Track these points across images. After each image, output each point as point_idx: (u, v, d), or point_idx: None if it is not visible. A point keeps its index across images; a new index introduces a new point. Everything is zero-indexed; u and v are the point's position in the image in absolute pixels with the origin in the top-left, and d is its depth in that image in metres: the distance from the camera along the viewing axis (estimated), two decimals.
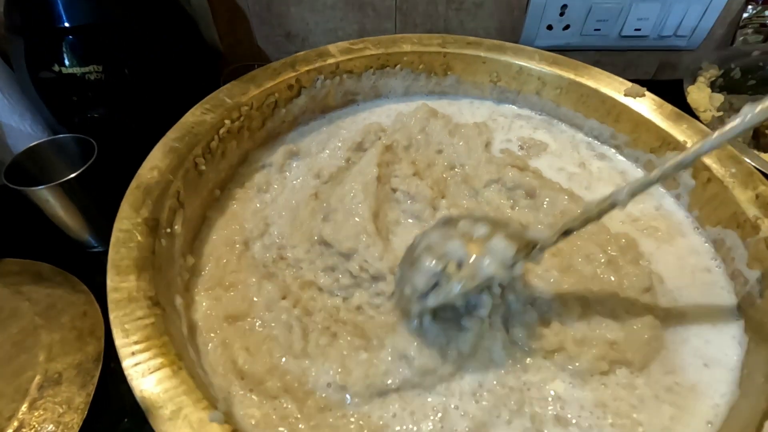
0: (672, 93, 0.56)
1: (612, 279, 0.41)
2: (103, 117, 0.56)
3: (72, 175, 0.48)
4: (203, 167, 0.45)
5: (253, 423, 0.33)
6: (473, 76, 0.58)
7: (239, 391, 0.35)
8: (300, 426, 0.34)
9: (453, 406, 0.35)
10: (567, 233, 0.32)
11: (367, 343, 0.38)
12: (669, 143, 0.48)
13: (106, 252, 0.36)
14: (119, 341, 0.31)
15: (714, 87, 0.61)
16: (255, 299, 0.41)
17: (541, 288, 0.40)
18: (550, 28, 0.75)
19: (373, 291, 0.41)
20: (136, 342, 0.31)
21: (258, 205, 0.49)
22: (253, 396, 0.35)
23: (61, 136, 0.52)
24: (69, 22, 0.51)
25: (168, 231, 0.39)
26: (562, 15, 0.73)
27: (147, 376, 0.30)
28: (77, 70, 0.53)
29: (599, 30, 0.75)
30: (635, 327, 0.38)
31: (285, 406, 0.34)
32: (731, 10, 0.72)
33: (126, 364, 0.30)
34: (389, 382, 0.35)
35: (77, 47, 0.53)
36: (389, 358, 0.36)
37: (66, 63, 0.53)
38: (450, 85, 0.59)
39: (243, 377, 0.36)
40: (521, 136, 0.57)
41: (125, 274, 0.34)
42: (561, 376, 0.37)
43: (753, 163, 0.47)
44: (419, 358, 0.35)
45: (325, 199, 0.47)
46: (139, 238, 0.37)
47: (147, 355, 0.31)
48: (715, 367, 0.38)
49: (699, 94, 0.57)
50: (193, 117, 0.46)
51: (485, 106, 0.61)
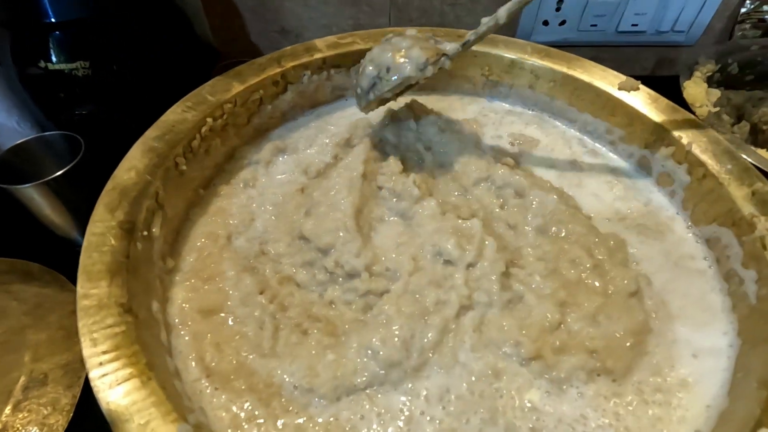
0: (669, 88, 0.55)
1: (597, 284, 0.40)
2: (91, 114, 0.56)
3: (58, 173, 0.47)
4: (184, 167, 0.44)
5: (221, 422, 0.33)
6: (465, 69, 0.57)
7: (207, 389, 0.34)
8: (266, 428, 0.33)
9: (420, 411, 0.34)
10: (466, 45, 0.43)
11: (336, 341, 0.37)
12: (664, 138, 0.47)
13: None
14: (87, 351, 0.30)
15: (711, 82, 0.60)
16: (231, 293, 0.40)
17: (521, 292, 0.39)
18: (546, 23, 0.74)
19: (347, 287, 0.40)
20: (104, 352, 0.30)
21: (244, 200, 0.48)
22: (221, 394, 0.34)
23: (48, 133, 0.52)
24: (56, 17, 0.50)
25: (145, 234, 0.38)
26: (558, 10, 0.72)
27: (114, 387, 0.29)
28: (64, 66, 0.52)
29: (596, 25, 0.74)
30: (617, 335, 0.37)
31: (249, 406, 0.34)
32: (729, 5, 0.71)
33: (93, 374, 0.29)
34: (357, 381, 0.35)
35: (64, 43, 0.52)
36: (356, 355, 0.36)
37: (53, 59, 0.52)
38: (441, 79, 0.58)
39: (209, 374, 0.35)
40: (512, 132, 0.56)
41: (96, 279, 0.33)
42: (537, 384, 0.36)
43: (750, 160, 0.46)
44: (384, 350, 0.35)
45: (310, 194, 0.47)
46: (113, 241, 0.35)
47: (115, 366, 0.30)
48: (705, 372, 0.37)
49: (695, 89, 0.56)
50: (174, 115, 0.45)
51: (476, 102, 0.60)
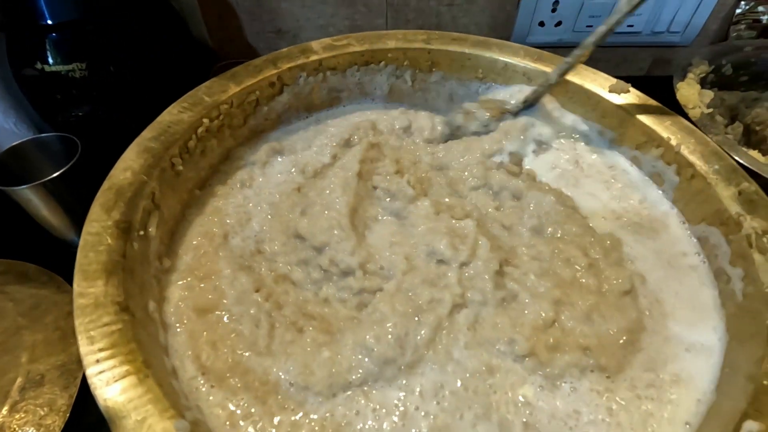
0: (663, 89, 0.56)
1: (591, 283, 0.40)
2: (88, 115, 0.56)
3: (55, 174, 0.47)
4: (180, 167, 0.45)
5: (218, 420, 0.33)
6: (459, 72, 0.57)
7: (203, 387, 0.35)
8: (262, 425, 0.33)
9: (414, 406, 0.35)
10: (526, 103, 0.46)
11: (331, 339, 0.37)
12: (654, 139, 0.47)
13: None
14: (84, 349, 0.30)
15: (705, 83, 0.60)
16: (227, 291, 0.40)
17: (516, 291, 0.40)
18: (542, 24, 0.75)
19: (342, 285, 0.41)
20: (101, 349, 0.30)
21: (241, 200, 0.48)
22: (217, 392, 0.35)
23: (45, 134, 0.52)
24: (52, 18, 0.51)
25: (141, 233, 0.38)
26: (554, 11, 0.73)
27: (111, 384, 0.29)
28: (61, 67, 0.53)
29: (592, 26, 0.74)
30: (611, 332, 0.37)
31: (246, 404, 0.34)
32: (724, 5, 0.71)
33: (90, 372, 0.29)
34: (352, 378, 0.35)
35: (60, 44, 0.52)
36: (350, 352, 0.36)
37: (49, 60, 0.52)
38: (436, 82, 0.58)
39: (205, 372, 0.36)
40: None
41: (93, 279, 0.33)
42: (531, 380, 0.36)
43: (742, 161, 0.46)
44: (378, 347, 0.36)
45: (306, 194, 0.47)
46: (109, 241, 0.36)
47: (112, 363, 0.30)
48: (697, 366, 0.37)
49: (688, 90, 0.56)
50: (170, 116, 0.46)
51: None
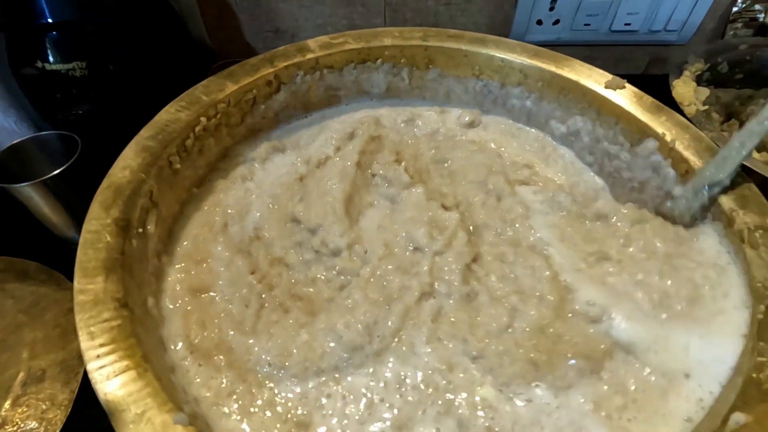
0: (660, 87, 0.56)
1: (551, 298, 0.38)
2: (88, 114, 0.56)
3: (55, 172, 0.48)
4: (178, 165, 0.45)
5: (207, 401, 0.34)
6: (455, 69, 0.57)
7: (192, 366, 0.36)
8: (242, 402, 0.35)
9: (379, 398, 0.35)
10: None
11: (313, 320, 0.38)
12: (648, 135, 0.47)
13: None
14: (84, 344, 0.31)
15: (701, 81, 0.60)
16: (223, 272, 0.41)
17: (478, 289, 0.40)
18: (540, 23, 0.75)
19: (329, 265, 0.42)
20: (101, 345, 0.31)
21: (242, 193, 0.49)
22: (203, 370, 0.36)
23: (45, 133, 0.52)
24: (52, 17, 0.51)
25: (140, 231, 0.39)
26: (551, 10, 0.73)
27: (112, 378, 0.29)
28: (60, 66, 0.53)
29: (589, 25, 0.74)
30: (567, 354, 0.35)
31: (227, 381, 0.35)
32: (721, 4, 0.71)
33: (90, 367, 0.30)
34: (325, 365, 0.36)
35: (60, 43, 0.53)
36: (324, 338, 0.37)
37: (49, 59, 0.53)
38: (433, 79, 0.58)
39: (193, 351, 0.37)
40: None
41: (92, 276, 0.34)
42: (489, 381, 0.35)
43: None
44: (347, 334, 0.37)
45: (307, 184, 0.48)
46: (108, 238, 0.36)
47: (112, 358, 0.30)
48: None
49: (684, 87, 0.56)
50: (168, 115, 0.46)
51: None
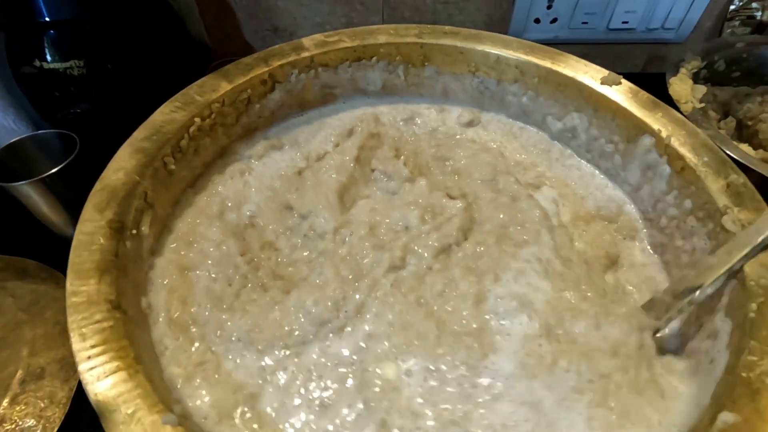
0: (657, 85, 0.56)
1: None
2: (86, 112, 0.56)
3: (53, 170, 0.48)
4: (173, 166, 0.45)
5: (180, 370, 0.35)
6: (451, 66, 0.57)
7: (171, 341, 0.37)
8: (211, 374, 0.36)
9: (317, 374, 0.36)
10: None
11: (287, 298, 0.39)
12: (644, 131, 0.47)
13: None
14: (76, 345, 0.31)
15: (698, 79, 0.60)
16: (213, 252, 0.42)
17: (443, 266, 0.41)
18: (537, 21, 0.75)
19: (313, 247, 0.43)
20: (93, 346, 0.31)
21: (241, 186, 0.49)
22: (181, 341, 0.37)
23: (43, 131, 0.52)
24: (50, 16, 0.51)
25: (134, 232, 0.39)
26: (549, 8, 0.73)
27: (102, 379, 0.29)
28: (59, 65, 0.53)
29: (587, 23, 0.74)
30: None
31: (197, 353, 0.37)
32: (718, 2, 0.71)
33: (82, 368, 0.30)
34: (292, 341, 0.37)
35: (58, 42, 0.53)
36: (293, 310, 0.38)
37: (48, 58, 0.53)
38: (429, 77, 0.58)
39: (172, 326, 0.38)
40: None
41: (85, 277, 0.34)
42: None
43: (733, 155, 0.47)
44: (315, 309, 0.38)
45: (305, 177, 0.48)
46: (102, 240, 0.36)
47: (103, 359, 0.30)
48: None
49: (681, 85, 0.56)
50: (162, 115, 0.46)
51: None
